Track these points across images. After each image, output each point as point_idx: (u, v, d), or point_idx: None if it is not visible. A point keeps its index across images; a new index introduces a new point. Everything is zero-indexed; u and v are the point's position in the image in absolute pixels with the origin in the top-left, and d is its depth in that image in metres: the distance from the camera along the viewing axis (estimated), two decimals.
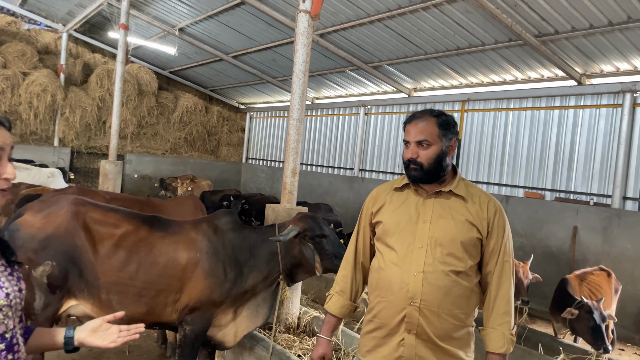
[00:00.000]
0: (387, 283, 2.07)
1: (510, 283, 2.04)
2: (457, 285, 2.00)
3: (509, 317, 2.02)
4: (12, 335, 1.39)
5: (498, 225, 2.05)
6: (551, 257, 8.13)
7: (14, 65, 13.01)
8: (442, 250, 2.00)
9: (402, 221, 2.09)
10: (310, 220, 3.26)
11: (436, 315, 1.98)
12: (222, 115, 16.96)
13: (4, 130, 1.36)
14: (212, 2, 10.11)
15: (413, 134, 2.08)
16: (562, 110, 8.63)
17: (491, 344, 2.02)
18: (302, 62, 4.28)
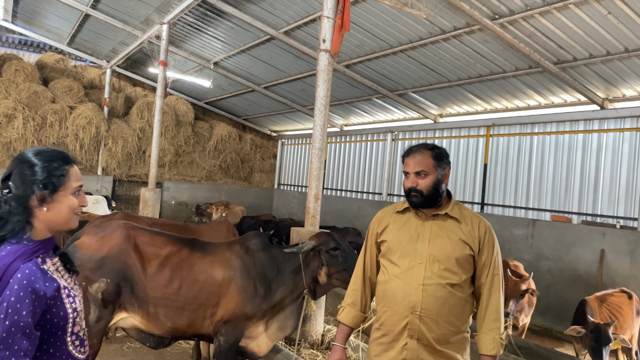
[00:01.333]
0: (391, 294, 2.37)
1: (499, 294, 2.34)
2: (452, 296, 2.30)
3: (499, 323, 2.31)
4: (84, 333, 1.74)
5: (488, 243, 2.36)
6: (579, 281, 8.17)
7: (62, 99, 13.94)
8: (440, 265, 2.30)
9: (404, 240, 2.40)
10: (325, 236, 3.63)
11: (435, 322, 2.28)
12: (255, 143, 17.57)
13: (77, 168, 1.73)
14: (244, 38, 10.74)
15: (412, 165, 2.40)
16: (586, 134, 8.75)
17: (483, 347, 2.31)
18: (323, 97, 4.66)
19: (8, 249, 1.54)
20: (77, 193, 1.68)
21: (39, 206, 1.59)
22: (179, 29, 11.45)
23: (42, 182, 1.59)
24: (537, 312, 7.31)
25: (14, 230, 1.56)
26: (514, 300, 5.28)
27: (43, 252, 1.62)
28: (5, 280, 1.46)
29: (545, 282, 8.39)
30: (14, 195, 1.58)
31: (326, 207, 13.79)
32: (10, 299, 1.44)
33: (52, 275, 1.61)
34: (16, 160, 1.64)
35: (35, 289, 1.49)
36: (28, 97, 13.23)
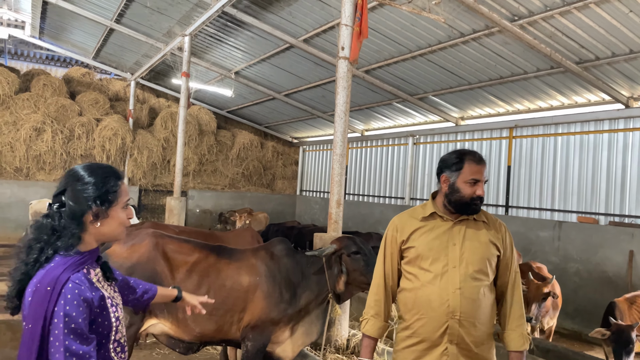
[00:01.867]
0: (426, 301, 2.35)
1: (520, 291, 2.41)
2: (485, 297, 2.34)
3: (524, 319, 2.38)
4: (124, 340, 1.80)
5: (509, 243, 2.44)
6: (608, 283, 8.02)
7: (88, 112, 14.31)
8: (473, 267, 2.33)
9: (434, 246, 2.38)
10: (346, 239, 3.67)
11: (473, 325, 2.30)
12: (277, 150, 17.72)
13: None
14: (264, 47, 10.89)
15: (485, 174, 2.39)
16: (611, 133, 8.62)
17: (513, 344, 2.35)
18: (342, 103, 4.73)
19: (57, 260, 1.60)
20: (125, 207, 1.75)
21: (93, 221, 1.65)
22: (201, 40, 11.67)
23: (99, 199, 1.64)
24: (566, 315, 7.22)
25: (67, 245, 1.61)
26: (536, 303, 5.22)
27: (88, 263, 1.68)
28: (56, 290, 1.52)
29: (573, 284, 8.27)
30: (68, 210, 1.63)
31: (348, 213, 13.81)
32: (66, 308, 1.51)
33: (97, 285, 1.67)
34: (70, 177, 1.70)
35: (86, 297, 1.57)
36: (56, 110, 13.62)
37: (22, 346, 1.52)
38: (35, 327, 1.49)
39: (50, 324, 1.50)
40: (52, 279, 1.53)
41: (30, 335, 1.50)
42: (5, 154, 13.00)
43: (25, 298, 1.56)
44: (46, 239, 1.61)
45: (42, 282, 1.53)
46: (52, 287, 1.52)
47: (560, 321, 7.43)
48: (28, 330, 1.51)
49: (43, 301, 1.50)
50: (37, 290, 1.52)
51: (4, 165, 13.07)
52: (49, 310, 1.50)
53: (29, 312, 1.51)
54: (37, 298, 1.51)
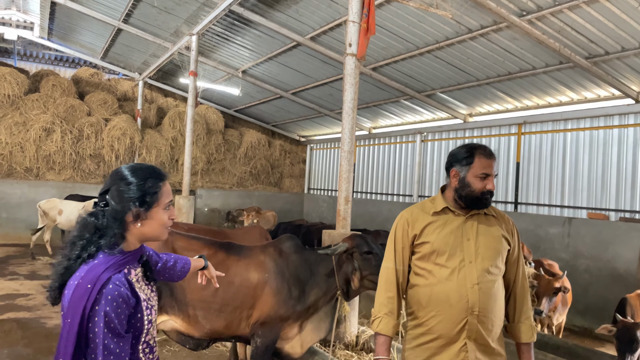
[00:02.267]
0: (444, 298, 2.30)
1: (527, 283, 2.43)
2: (499, 291, 2.34)
3: (531, 311, 2.41)
4: (154, 341, 1.80)
5: (516, 236, 2.45)
6: (618, 279, 7.96)
7: (97, 112, 14.42)
8: (488, 262, 2.31)
9: (449, 241, 2.34)
10: (358, 238, 3.66)
11: (490, 320, 2.28)
12: (284, 149, 17.75)
13: (168, 184, 1.82)
14: (271, 46, 10.90)
15: (495, 168, 2.37)
16: (621, 128, 8.54)
17: (522, 336, 2.36)
18: (350, 100, 4.72)
19: (100, 257, 1.63)
20: (167, 208, 1.76)
21: (133, 222, 1.68)
22: (208, 39, 11.70)
23: (138, 200, 1.67)
24: (576, 312, 7.18)
25: (109, 243, 1.64)
26: (547, 298, 5.20)
27: (130, 263, 1.71)
28: (96, 289, 1.55)
29: (583, 281, 8.21)
30: (111, 210, 1.66)
31: (356, 211, 13.80)
32: (106, 308, 1.54)
33: (135, 286, 1.69)
34: (114, 176, 1.73)
35: (125, 298, 1.60)
36: (65, 110, 13.73)
37: (60, 338, 1.56)
38: (73, 322, 1.53)
39: (90, 322, 1.54)
40: (93, 277, 1.57)
41: (68, 329, 1.53)
42: (15, 154, 13.12)
43: (65, 292, 1.59)
44: (89, 237, 1.64)
45: (84, 279, 1.57)
46: (93, 285, 1.55)
47: (571, 318, 7.38)
48: (67, 324, 1.54)
49: (82, 298, 1.53)
50: (78, 286, 1.56)
51: (14, 165, 13.20)
52: (88, 307, 1.53)
53: (69, 307, 1.55)
54: (78, 294, 1.54)
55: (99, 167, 14.25)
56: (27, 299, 7.32)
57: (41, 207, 10.58)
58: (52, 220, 10.58)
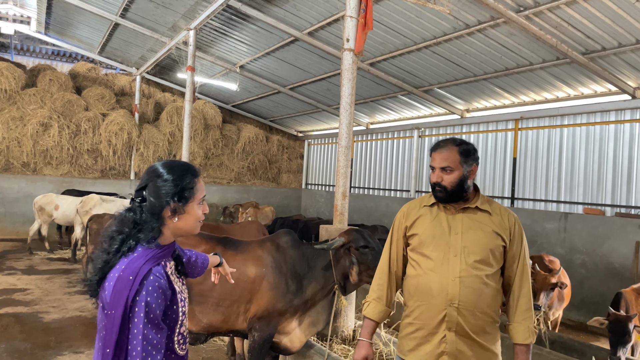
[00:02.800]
0: (427, 288, 2.37)
1: (529, 284, 2.37)
2: (487, 287, 2.33)
3: (531, 312, 2.35)
4: (187, 332, 1.89)
5: (518, 234, 2.39)
6: (614, 274, 8.01)
7: (94, 107, 14.38)
8: (474, 257, 2.33)
9: (436, 233, 2.41)
10: (355, 233, 3.67)
11: (472, 313, 2.31)
12: (282, 144, 17.75)
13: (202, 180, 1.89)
14: (269, 41, 10.88)
15: (438, 161, 2.42)
16: (617, 124, 8.57)
17: (517, 337, 2.33)
18: (348, 95, 4.73)
19: (140, 251, 1.69)
20: (201, 203, 1.83)
21: (171, 217, 1.75)
22: (206, 34, 11.67)
23: (176, 196, 1.74)
24: (572, 306, 7.22)
25: (148, 237, 1.71)
26: (544, 292, 5.24)
27: (166, 257, 1.78)
28: (138, 280, 1.62)
29: (579, 276, 8.26)
30: (149, 205, 1.73)
31: (354, 206, 13.84)
32: (147, 299, 1.60)
33: (171, 279, 1.77)
34: (151, 173, 1.79)
35: (164, 290, 1.67)
36: (62, 105, 13.69)
37: (104, 329, 1.61)
38: (116, 313, 1.58)
39: (131, 312, 1.59)
40: (135, 269, 1.63)
41: (111, 320, 1.59)
42: (12, 149, 13.09)
43: (106, 284, 1.65)
44: (128, 231, 1.71)
45: (125, 271, 1.62)
46: (134, 277, 1.61)
47: (566, 312, 7.43)
48: (110, 315, 1.59)
49: (125, 289, 1.59)
50: (120, 278, 1.61)
51: (11, 160, 13.17)
52: (130, 298, 1.59)
53: (112, 299, 1.60)
54: (120, 286, 1.60)
55: (97, 162, 14.23)
56: (24, 294, 7.34)
57: (37, 203, 10.57)
58: (49, 216, 10.58)
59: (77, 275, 8.77)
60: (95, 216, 7.88)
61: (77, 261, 9.96)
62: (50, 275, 8.65)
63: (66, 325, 6.06)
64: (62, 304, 6.93)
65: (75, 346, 5.34)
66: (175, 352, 1.79)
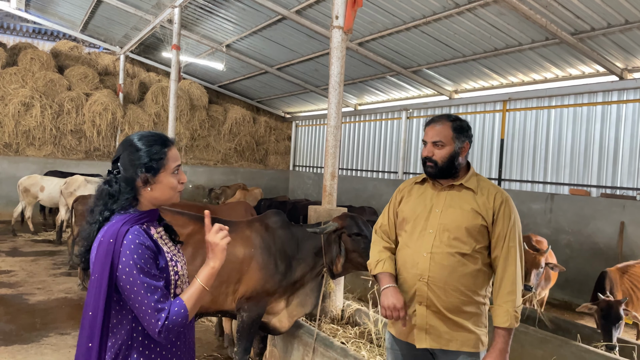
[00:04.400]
0: (402, 262, 2.44)
1: (515, 266, 2.29)
2: (462, 265, 2.31)
3: (514, 296, 2.26)
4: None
5: (504, 214, 2.32)
6: (599, 254, 8.12)
7: (77, 87, 14.08)
8: (449, 234, 2.32)
9: (418, 210, 2.44)
10: (349, 219, 3.62)
11: (442, 290, 2.31)
12: (269, 125, 17.61)
13: (175, 149, 1.89)
14: (256, 19, 10.69)
15: (430, 135, 2.42)
16: (604, 105, 8.61)
17: (496, 319, 2.29)
18: (337, 74, 4.65)
19: (118, 217, 1.74)
20: (176, 172, 1.83)
21: (143, 187, 1.78)
22: (191, 12, 11.44)
23: (145, 166, 1.76)
24: (557, 286, 7.30)
25: (123, 206, 1.75)
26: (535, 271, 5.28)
27: (147, 221, 1.81)
28: (118, 241, 1.65)
29: (564, 255, 8.36)
30: (122, 176, 1.77)
31: (342, 187, 13.82)
32: (133, 256, 1.64)
33: (155, 238, 1.79)
34: (124, 144, 1.82)
35: (146, 245, 1.69)
36: (44, 85, 13.39)
37: (88, 295, 1.65)
38: (102, 275, 1.63)
39: (120, 273, 1.63)
40: (113, 232, 1.67)
41: (97, 284, 1.63)
42: None
43: (91, 253, 1.71)
44: (103, 202, 1.76)
45: (104, 235, 1.67)
46: (115, 239, 1.65)
47: (551, 292, 7.52)
48: (95, 280, 1.64)
49: (108, 252, 1.63)
50: (101, 243, 1.66)
51: None
52: (115, 260, 1.63)
53: (96, 263, 1.65)
54: (102, 250, 1.64)
55: (80, 143, 14.00)
56: (8, 276, 7.24)
57: (22, 184, 10.39)
58: (34, 197, 10.41)
59: (62, 257, 8.67)
60: (80, 197, 7.75)
61: (62, 243, 9.84)
62: (34, 257, 8.53)
63: (52, 306, 5.99)
64: (48, 286, 6.85)
65: (61, 327, 5.28)
66: None
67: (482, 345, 2.38)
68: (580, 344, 4.30)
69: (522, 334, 4.49)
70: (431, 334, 2.35)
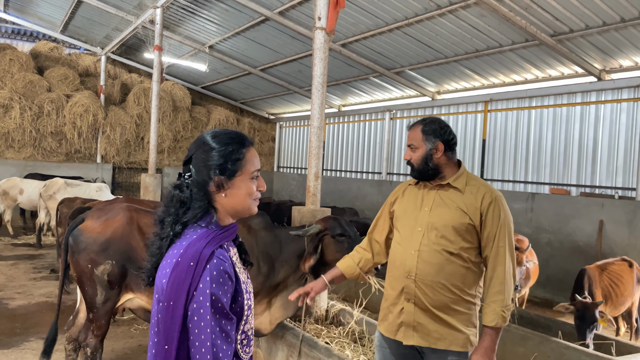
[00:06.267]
0: (392, 260, 2.51)
1: (504, 266, 2.31)
2: (450, 263, 2.34)
3: (502, 295, 2.29)
4: (252, 332, 1.63)
5: (493, 214, 2.34)
6: (579, 252, 8.25)
7: (57, 88, 13.87)
8: (437, 233, 2.36)
9: (409, 209, 2.51)
10: (332, 220, 3.63)
11: (430, 287, 2.34)
12: (253, 127, 17.56)
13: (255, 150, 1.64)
14: (239, 20, 10.66)
15: (408, 139, 2.54)
16: (583, 106, 8.76)
17: (485, 318, 2.32)
18: (320, 75, 4.67)
19: (199, 232, 1.49)
20: (255, 177, 1.61)
21: (217, 192, 1.53)
22: (173, 13, 11.35)
23: (219, 167, 1.52)
24: (538, 283, 7.41)
25: (196, 216, 1.52)
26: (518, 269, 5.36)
27: (227, 240, 1.56)
28: (200, 266, 1.41)
29: (545, 254, 8.48)
30: (194, 180, 1.53)
31: (326, 188, 13.83)
32: (212, 286, 1.39)
33: (235, 265, 1.55)
34: (197, 142, 1.59)
35: (230, 275, 1.46)
36: (24, 86, 13.18)
37: (159, 324, 1.41)
38: (177, 304, 1.39)
39: (194, 302, 1.38)
40: (195, 253, 1.42)
41: (172, 312, 1.39)
42: None
43: (162, 272, 1.45)
44: (175, 212, 1.52)
45: (184, 256, 1.42)
46: (196, 262, 1.40)
47: (532, 290, 7.63)
48: (168, 307, 1.39)
49: (186, 277, 1.39)
50: (179, 264, 1.41)
51: None
52: (193, 287, 1.39)
53: (170, 289, 1.40)
54: (179, 273, 1.40)
55: (61, 145, 13.80)
56: None
57: (1, 187, 10.21)
58: (13, 200, 10.24)
59: (42, 261, 8.54)
60: (66, 199, 7.63)
61: (42, 247, 9.69)
62: (14, 261, 8.39)
63: (32, 311, 5.90)
64: (28, 290, 6.74)
65: (42, 332, 5.20)
66: (239, 356, 1.55)
67: (471, 345, 2.39)
68: (560, 340, 4.36)
69: (503, 332, 4.55)
70: (419, 332, 2.37)
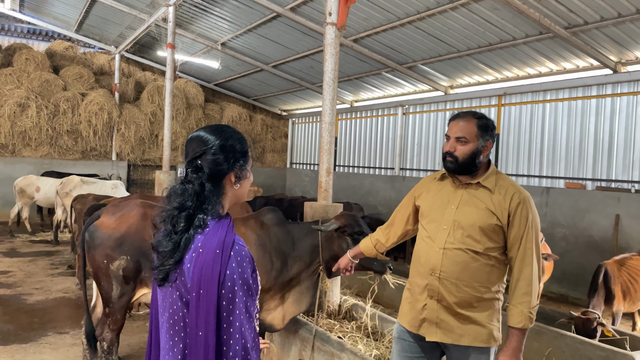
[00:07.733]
0: (417, 256, 2.51)
1: (531, 267, 2.29)
2: (475, 262, 2.33)
3: (529, 297, 2.28)
4: (258, 308, 1.71)
5: (520, 216, 2.31)
6: (594, 247, 8.17)
7: (73, 87, 14.05)
8: (463, 232, 2.34)
9: (435, 205, 2.48)
10: (351, 218, 3.63)
11: (454, 285, 2.34)
12: (266, 123, 17.60)
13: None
14: (251, 17, 10.69)
15: (454, 130, 2.43)
16: (599, 99, 8.64)
17: (511, 320, 2.31)
18: (331, 70, 4.67)
19: (214, 223, 1.55)
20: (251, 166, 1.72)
21: (234, 183, 1.63)
22: (185, 11, 11.42)
23: (242, 159, 1.62)
24: (553, 279, 7.35)
25: (215, 210, 1.57)
26: None
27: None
28: (226, 253, 1.48)
29: (560, 249, 8.40)
30: (212, 173, 1.58)
31: (339, 184, 13.85)
32: (238, 270, 1.48)
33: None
34: (203, 141, 1.63)
35: (250, 257, 1.55)
36: (40, 85, 13.36)
37: (197, 314, 1.47)
38: (210, 292, 1.45)
39: (224, 287, 1.46)
40: (219, 241, 1.49)
41: (205, 301, 1.46)
42: None
43: (186, 266, 1.51)
44: (191, 205, 1.55)
45: (207, 247, 1.49)
46: (222, 249, 1.48)
47: (548, 285, 7.57)
48: (202, 296, 1.46)
49: (215, 265, 1.46)
50: (204, 254, 1.48)
51: None
52: (222, 273, 1.46)
53: (201, 279, 1.46)
54: (207, 262, 1.47)
55: (77, 143, 13.98)
56: (7, 276, 7.25)
57: (18, 185, 10.40)
58: (30, 198, 10.41)
59: (59, 257, 8.68)
60: (79, 196, 7.75)
61: (59, 243, 9.85)
62: (32, 258, 8.54)
63: (50, 306, 6.01)
64: (46, 286, 6.86)
65: (59, 327, 5.30)
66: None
67: (494, 341, 2.38)
68: (575, 335, 4.34)
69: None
70: (442, 328, 2.38)
